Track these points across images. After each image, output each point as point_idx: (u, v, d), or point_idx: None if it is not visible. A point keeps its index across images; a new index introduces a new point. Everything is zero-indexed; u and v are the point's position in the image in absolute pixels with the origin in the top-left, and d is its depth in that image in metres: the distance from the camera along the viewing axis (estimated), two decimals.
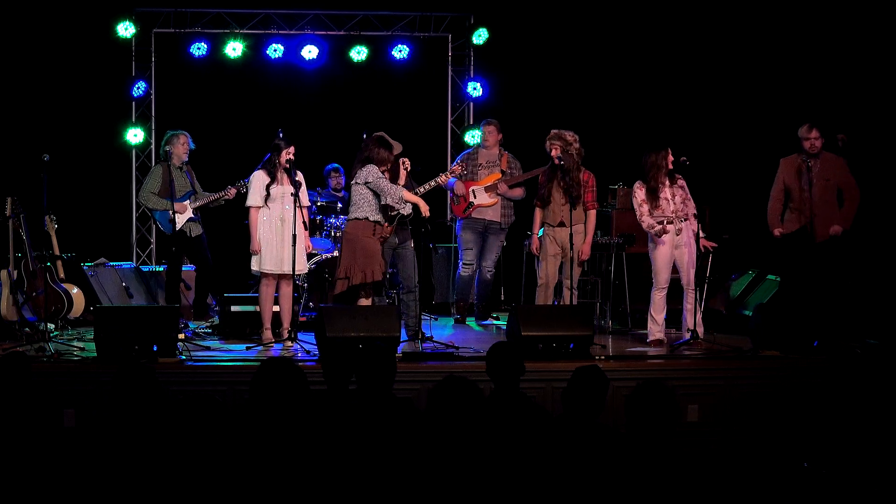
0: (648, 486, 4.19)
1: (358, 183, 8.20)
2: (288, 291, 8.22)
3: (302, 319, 8.89)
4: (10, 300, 8.38)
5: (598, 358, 7.60)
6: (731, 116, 10.85)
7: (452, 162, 10.63)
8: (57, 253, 8.71)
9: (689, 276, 8.31)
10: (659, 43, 11.08)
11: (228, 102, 11.33)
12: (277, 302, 8.29)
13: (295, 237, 7.97)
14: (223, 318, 8.86)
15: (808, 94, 10.18)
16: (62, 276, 8.72)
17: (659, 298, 8.37)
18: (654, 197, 8.28)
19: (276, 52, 11.28)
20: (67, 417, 6.82)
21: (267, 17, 11.34)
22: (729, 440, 7.33)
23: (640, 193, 8.33)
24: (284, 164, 8.14)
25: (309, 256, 8.63)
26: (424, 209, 8.26)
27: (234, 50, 11.08)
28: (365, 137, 8.50)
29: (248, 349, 8.01)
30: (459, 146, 11.43)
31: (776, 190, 8.64)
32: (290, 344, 8.03)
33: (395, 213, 8.25)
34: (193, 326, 8.94)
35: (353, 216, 8.24)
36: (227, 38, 11.08)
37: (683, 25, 10.97)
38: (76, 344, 7.99)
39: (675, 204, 8.30)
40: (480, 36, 11.42)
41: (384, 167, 8.20)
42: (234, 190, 8.95)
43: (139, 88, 11.29)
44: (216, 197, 9.08)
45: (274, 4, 11.34)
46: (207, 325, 9.09)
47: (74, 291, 8.72)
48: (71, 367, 7.30)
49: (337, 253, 8.96)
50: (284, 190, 8.14)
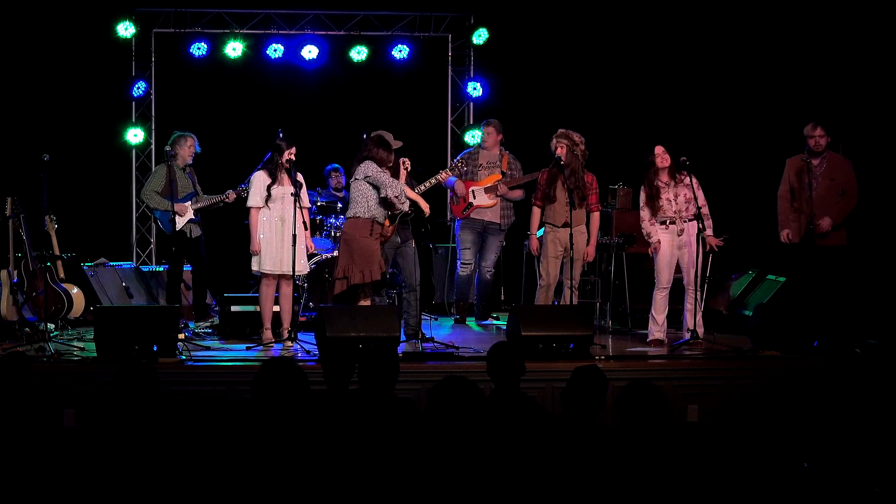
0: (648, 485, 4.19)
1: (357, 179, 8.19)
2: (288, 291, 8.22)
3: (302, 319, 8.90)
4: (10, 300, 8.38)
5: (597, 358, 7.60)
6: (731, 116, 10.84)
7: (452, 162, 10.63)
8: (57, 253, 8.70)
9: (689, 275, 8.32)
10: (659, 43, 11.07)
11: (228, 102, 11.32)
12: (277, 302, 8.30)
13: (295, 237, 7.97)
14: (223, 318, 8.86)
15: (811, 94, 10.16)
16: (62, 276, 8.71)
17: (660, 298, 8.37)
18: (653, 198, 8.31)
19: (276, 52, 11.28)
20: (67, 417, 6.82)
21: (267, 17, 11.34)
22: (729, 440, 7.33)
23: (641, 197, 8.42)
24: (285, 164, 8.14)
25: (309, 256, 8.63)
26: (425, 207, 8.26)
27: (234, 50, 11.08)
28: (365, 138, 8.50)
29: (248, 349, 8.02)
30: (459, 146, 11.43)
31: (783, 190, 8.64)
32: (290, 344, 8.03)
33: (396, 211, 8.26)
34: (193, 326, 8.95)
35: (350, 214, 8.23)
36: (227, 38, 11.08)
37: (683, 24, 10.96)
38: (76, 344, 7.99)
39: (677, 204, 8.30)
40: (480, 36, 11.41)
41: (384, 168, 8.19)
42: (234, 194, 8.95)
43: (139, 88, 11.29)
44: (216, 200, 9.08)
45: (274, 4, 11.34)
46: (207, 325, 9.09)
47: (74, 291, 8.72)
48: (71, 367, 7.29)
49: (337, 253, 8.97)
50: (285, 190, 8.14)
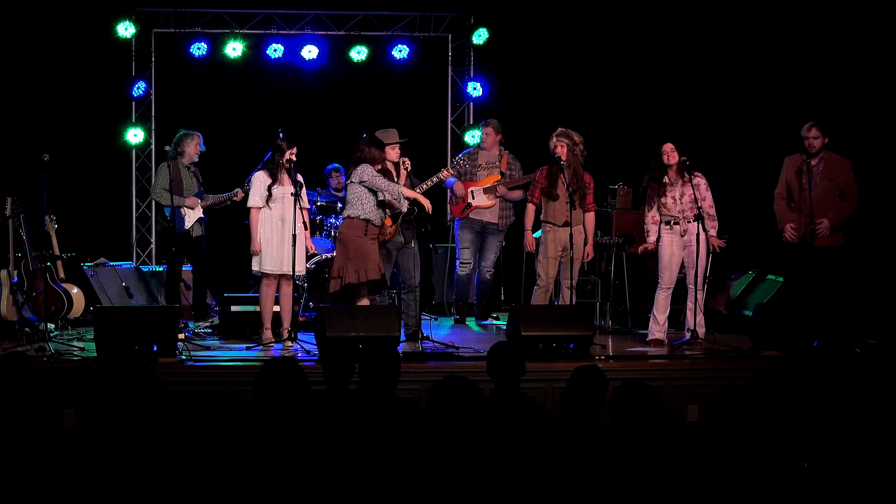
0: (648, 485, 4.19)
1: (353, 182, 8.20)
2: (288, 291, 8.22)
3: (302, 319, 8.90)
4: (10, 300, 8.38)
5: (597, 358, 7.60)
6: (731, 117, 10.83)
7: (452, 161, 10.63)
8: (57, 253, 8.70)
9: (689, 275, 8.32)
10: (659, 43, 11.07)
11: (228, 102, 11.32)
12: (278, 302, 8.30)
13: (295, 237, 7.97)
14: (223, 318, 8.86)
15: (809, 94, 10.16)
16: (62, 276, 8.71)
17: (662, 298, 8.38)
18: (655, 197, 8.33)
19: (276, 52, 11.27)
20: (67, 417, 6.82)
21: (267, 17, 11.34)
22: (729, 440, 7.33)
23: (648, 193, 8.46)
24: (286, 164, 8.14)
25: (309, 256, 8.63)
26: (427, 205, 8.25)
27: (234, 50, 11.07)
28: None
29: (248, 349, 8.02)
30: (459, 146, 11.43)
31: (780, 188, 8.63)
32: (290, 344, 8.03)
33: (396, 211, 8.26)
34: (193, 326, 8.94)
35: (345, 215, 8.24)
36: (227, 38, 11.07)
37: (683, 24, 10.96)
38: (76, 344, 7.99)
39: (681, 203, 8.31)
40: (480, 36, 11.41)
41: (378, 166, 8.20)
42: (241, 193, 8.94)
43: (139, 88, 11.28)
44: (224, 198, 9.08)
45: (274, 4, 11.33)
46: (207, 325, 9.09)
47: (74, 291, 8.72)
48: (71, 367, 7.29)
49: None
50: (285, 190, 8.14)
